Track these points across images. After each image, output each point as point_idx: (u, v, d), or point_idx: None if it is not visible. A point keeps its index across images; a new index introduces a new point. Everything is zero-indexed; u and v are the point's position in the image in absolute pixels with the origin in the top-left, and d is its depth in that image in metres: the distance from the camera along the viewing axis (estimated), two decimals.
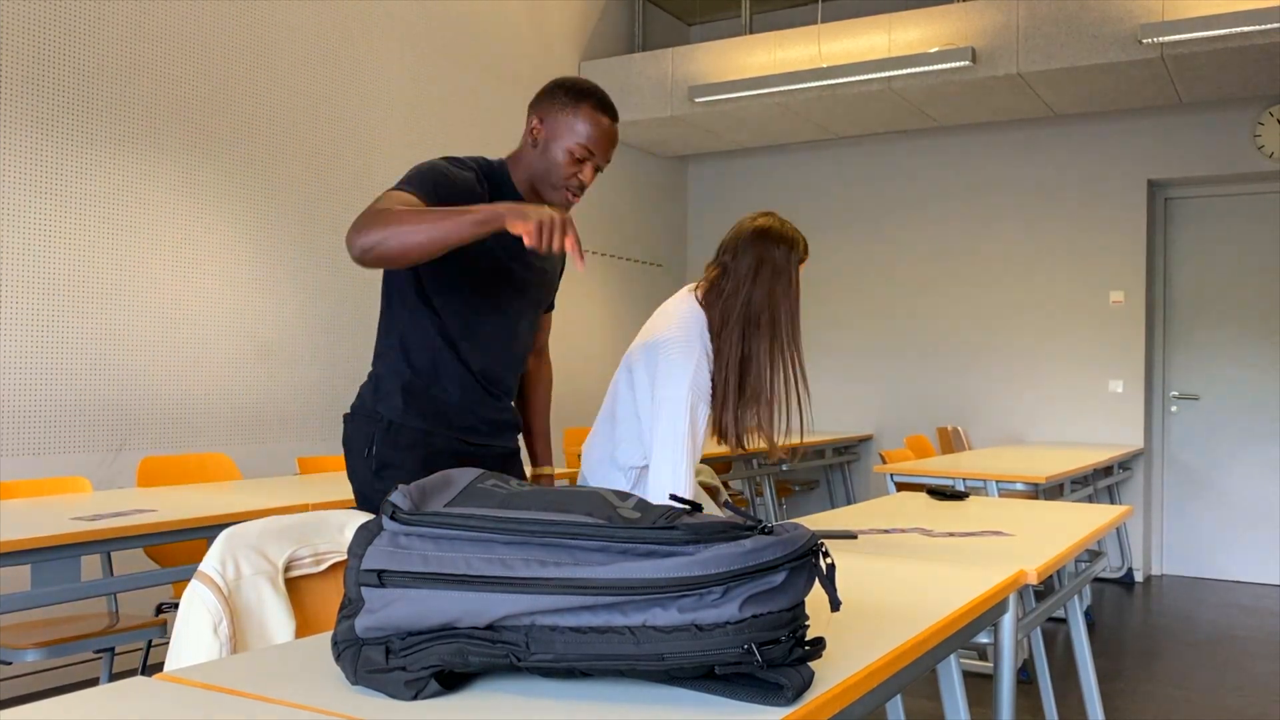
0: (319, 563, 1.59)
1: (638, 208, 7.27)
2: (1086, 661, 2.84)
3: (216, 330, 4.44)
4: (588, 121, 2.08)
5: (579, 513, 1.05)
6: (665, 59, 6.36)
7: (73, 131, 3.94)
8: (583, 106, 2.08)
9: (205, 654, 1.36)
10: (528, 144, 2.13)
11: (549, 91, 2.12)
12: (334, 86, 4.99)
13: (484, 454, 2.20)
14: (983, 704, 3.51)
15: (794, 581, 1.01)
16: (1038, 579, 1.88)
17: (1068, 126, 6.59)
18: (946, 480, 4.43)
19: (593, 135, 2.09)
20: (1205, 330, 6.46)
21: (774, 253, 2.30)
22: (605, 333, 6.90)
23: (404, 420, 2.08)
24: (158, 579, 2.71)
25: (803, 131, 6.77)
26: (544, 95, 2.12)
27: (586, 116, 2.08)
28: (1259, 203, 6.34)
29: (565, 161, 2.09)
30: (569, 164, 2.09)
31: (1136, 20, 5.09)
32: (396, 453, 2.07)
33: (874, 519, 2.54)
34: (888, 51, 5.71)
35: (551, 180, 2.11)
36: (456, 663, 1.03)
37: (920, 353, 7.00)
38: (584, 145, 2.08)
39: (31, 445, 3.81)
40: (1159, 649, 4.68)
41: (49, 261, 3.87)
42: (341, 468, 4.00)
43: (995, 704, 1.91)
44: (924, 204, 7.02)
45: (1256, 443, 6.29)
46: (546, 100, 2.11)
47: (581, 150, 2.08)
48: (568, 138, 2.08)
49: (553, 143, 2.08)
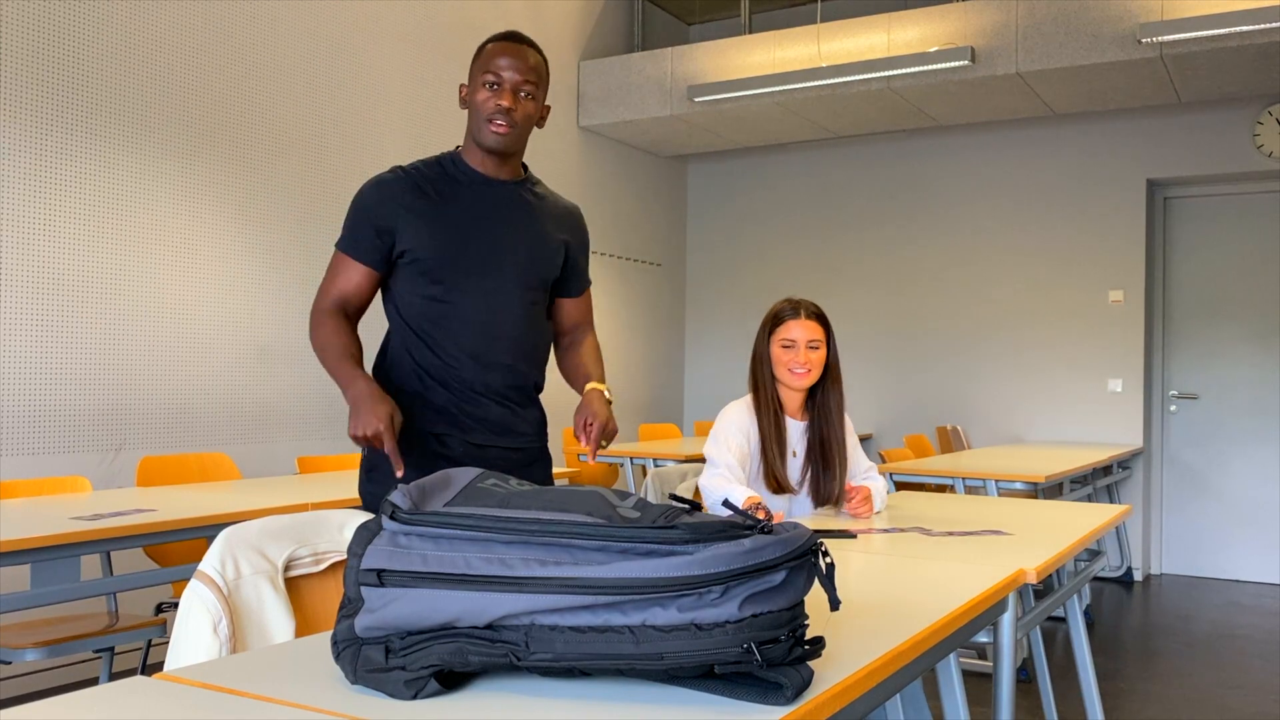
0: (318, 562, 1.59)
1: (638, 208, 7.27)
2: (1086, 660, 2.84)
3: (217, 330, 4.44)
4: (489, 55, 2.10)
5: (578, 512, 1.05)
6: (665, 59, 6.36)
7: (73, 132, 3.94)
8: (485, 48, 2.12)
9: (205, 653, 1.36)
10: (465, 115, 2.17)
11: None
12: (334, 86, 4.99)
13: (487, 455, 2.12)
14: (982, 703, 3.51)
15: (793, 581, 1.02)
16: (1037, 578, 1.88)
17: (1067, 126, 6.59)
18: (946, 480, 4.43)
19: (494, 60, 2.09)
20: (1204, 329, 6.47)
21: (756, 339, 2.76)
22: (605, 333, 6.90)
23: None
24: (157, 579, 2.70)
25: (802, 131, 6.77)
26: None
27: (489, 52, 2.11)
28: (1258, 202, 6.34)
29: (482, 98, 2.09)
30: (486, 97, 2.09)
31: (1135, 20, 5.09)
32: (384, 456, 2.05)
33: (873, 518, 2.54)
34: (887, 51, 5.71)
35: (478, 123, 2.10)
36: (456, 662, 1.03)
37: (919, 352, 7.00)
38: (489, 72, 2.08)
39: (31, 445, 3.81)
40: (1158, 648, 4.68)
41: (49, 261, 3.87)
42: (342, 467, 4.01)
43: (995, 703, 1.91)
44: (923, 203, 7.02)
45: (1256, 442, 6.30)
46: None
47: (491, 78, 2.08)
48: (478, 76, 2.10)
49: (471, 92, 2.11)
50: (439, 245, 2.07)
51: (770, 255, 7.49)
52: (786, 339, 2.66)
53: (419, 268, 2.07)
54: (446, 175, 2.12)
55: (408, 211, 2.07)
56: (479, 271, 2.09)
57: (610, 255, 6.95)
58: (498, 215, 2.14)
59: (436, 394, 2.08)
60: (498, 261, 2.11)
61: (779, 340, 2.67)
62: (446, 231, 2.08)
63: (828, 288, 7.27)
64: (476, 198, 2.12)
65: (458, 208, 2.10)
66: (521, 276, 2.15)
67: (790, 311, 2.68)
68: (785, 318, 2.67)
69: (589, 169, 6.73)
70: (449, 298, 2.08)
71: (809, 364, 2.65)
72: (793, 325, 2.65)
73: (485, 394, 2.11)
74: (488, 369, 2.10)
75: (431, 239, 2.06)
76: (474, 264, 2.09)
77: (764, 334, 2.70)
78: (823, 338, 2.67)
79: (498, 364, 2.12)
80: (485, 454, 2.12)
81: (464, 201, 2.11)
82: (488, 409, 2.12)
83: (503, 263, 2.12)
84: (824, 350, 2.68)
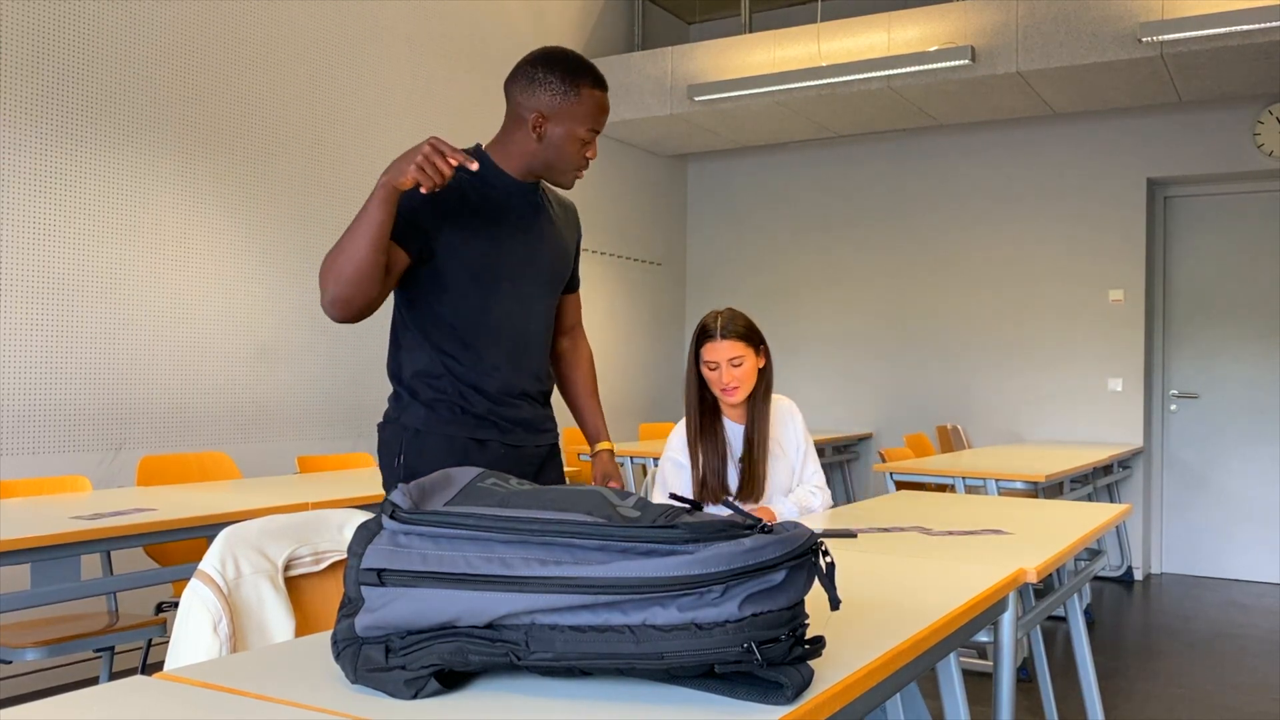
0: (318, 562, 1.59)
1: (638, 207, 7.27)
2: (1086, 660, 2.84)
3: (216, 329, 4.44)
4: (590, 103, 2.05)
5: (578, 512, 1.05)
6: (665, 58, 6.36)
7: (73, 132, 3.94)
8: (583, 90, 2.04)
9: (205, 653, 1.36)
10: (526, 136, 2.06)
11: (540, 80, 2.04)
12: (334, 86, 4.99)
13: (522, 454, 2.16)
14: (982, 702, 3.51)
15: (794, 580, 1.01)
16: (1037, 577, 1.88)
17: (1067, 125, 6.59)
18: (946, 479, 4.44)
19: (598, 116, 2.07)
20: (1205, 329, 6.47)
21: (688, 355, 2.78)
22: (605, 332, 6.90)
23: (429, 428, 2.06)
24: (157, 578, 2.70)
25: (802, 130, 6.77)
26: (534, 84, 2.04)
27: (588, 99, 2.05)
28: (1259, 201, 6.34)
29: (575, 150, 2.07)
30: (580, 149, 2.08)
31: (1136, 19, 5.09)
32: (424, 460, 2.03)
33: (874, 517, 2.54)
34: (887, 50, 5.71)
35: (563, 167, 2.09)
36: (456, 662, 1.03)
37: (919, 351, 7.00)
38: (591, 129, 2.07)
39: (31, 444, 3.81)
40: (1158, 647, 4.68)
41: (49, 260, 3.87)
42: (342, 467, 4.01)
43: (995, 702, 1.91)
44: (923, 202, 7.02)
45: (1256, 441, 6.29)
46: (541, 90, 2.03)
47: (589, 134, 2.07)
48: (575, 125, 2.04)
49: (561, 133, 2.04)
50: (479, 253, 2.05)
51: (770, 254, 7.49)
52: (709, 361, 2.68)
53: (457, 275, 2.04)
54: (480, 177, 2.09)
55: (452, 215, 2.03)
56: (513, 278, 2.11)
57: (610, 255, 6.95)
58: (525, 221, 2.14)
59: (478, 403, 2.08)
60: (528, 268, 2.14)
61: (704, 361, 2.69)
62: (486, 238, 2.06)
63: (828, 286, 7.27)
64: (508, 203, 2.11)
65: (494, 213, 2.08)
66: (548, 282, 2.20)
67: (710, 331, 2.68)
68: (705, 339, 2.69)
69: (589, 168, 6.72)
70: (486, 305, 2.08)
71: (735, 381, 2.66)
72: (712, 347, 2.67)
73: (520, 397, 2.15)
74: (521, 373, 2.14)
75: (474, 246, 2.04)
76: (510, 271, 2.10)
77: (692, 351, 2.73)
78: (745, 351, 2.67)
79: (529, 368, 2.16)
80: (520, 453, 2.16)
81: (498, 207, 2.10)
82: (521, 409, 2.15)
83: (533, 269, 2.15)
84: (751, 360, 2.68)
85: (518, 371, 2.13)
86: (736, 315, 2.72)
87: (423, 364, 2.08)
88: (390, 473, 2.10)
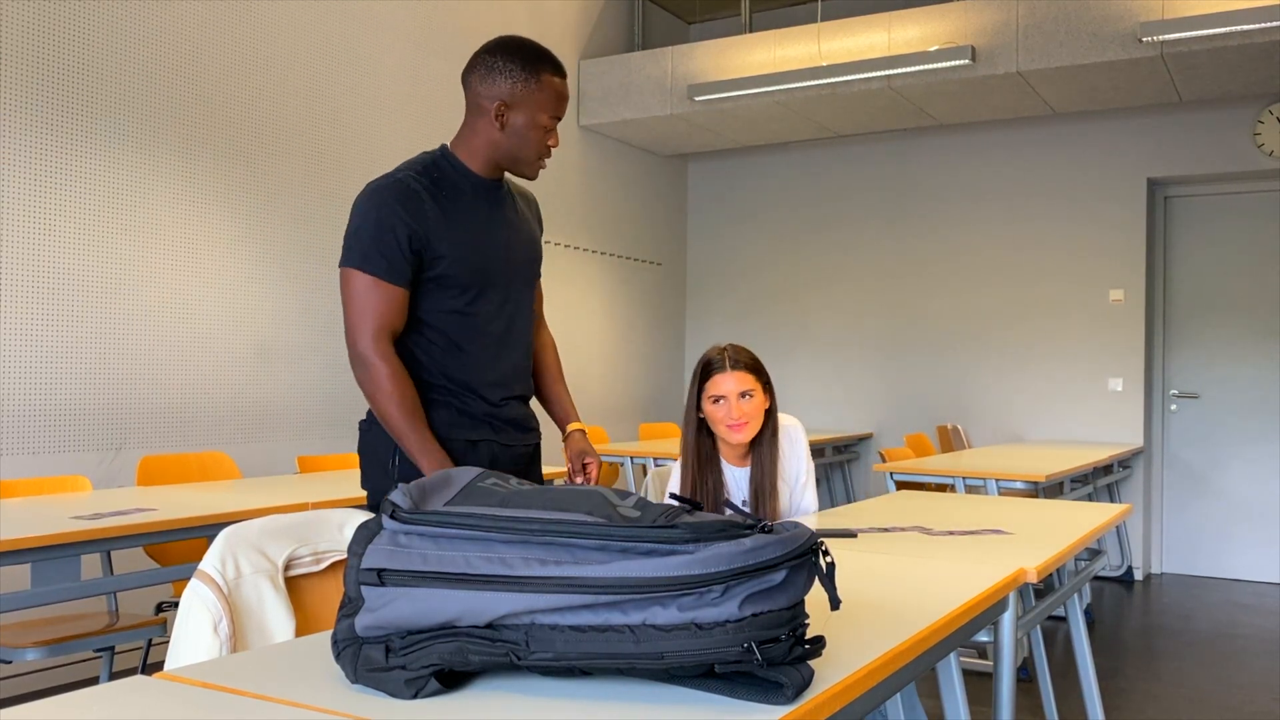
0: (319, 561, 1.59)
1: (638, 207, 7.27)
2: (1086, 660, 2.84)
3: (216, 329, 4.44)
4: (550, 90, 2.05)
5: (579, 511, 1.05)
6: (665, 58, 6.36)
7: (73, 131, 3.94)
8: (543, 76, 2.04)
9: (205, 653, 1.36)
10: (489, 126, 2.05)
11: (500, 68, 2.02)
12: (334, 86, 4.99)
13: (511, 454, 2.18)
14: (982, 702, 3.51)
15: (794, 580, 1.01)
16: (1037, 577, 1.88)
17: (1067, 125, 6.58)
18: (946, 479, 4.43)
19: (559, 103, 2.07)
20: (1205, 329, 6.46)
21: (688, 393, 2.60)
22: (605, 332, 6.90)
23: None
24: (158, 578, 2.70)
25: (802, 130, 6.77)
26: (494, 72, 2.03)
27: (549, 85, 2.05)
28: (1259, 201, 6.34)
29: (538, 137, 2.06)
30: (543, 137, 2.07)
31: (1136, 19, 5.09)
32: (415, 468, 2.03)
33: (874, 517, 2.54)
34: (887, 50, 5.71)
35: (527, 157, 2.09)
36: (456, 661, 1.03)
37: (920, 351, 7.00)
38: (553, 116, 2.07)
39: (31, 444, 3.81)
40: (1159, 647, 4.68)
41: (49, 260, 3.87)
42: (342, 467, 4.00)
43: (995, 702, 1.91)
44: (924, 202, 7.02)
45: (1256, 441, 6.29)
46: (501, 78, 2.02)
47: (551, 120, 2.07)
48: (537, 112, 2.04)
49: (523, 121, 2.04)
50: (463, 257, 2.06)
51: (770, 254, 7.49)
52: (716, 394, 2.47)
53: (448, 281, 2.05)
54: (448, 180, 2.08)
55: (435, 226, 2.02)
56: (495, 279, 2.12)
57: (610, 255, 6.95)
58: (499, 219, 2.15)
59: (474, 405, 2.10)
60: (508, 267, 2.15)
61: (708, 396, 2.49)
62: (467, 243, 2.06)
63: (828, 286, 7.27)
64: (479, 203, 2.12)
65: (468, 215, 2.08)
66: (526, 278, 2.21)
67: (717, 363, 2.49)
68: (713, 370, 2.49)
69: (589, 168, 6.72)
70: (474, 308, 2.09)
71: (744, 416, 2.47)
72: (720, 380, 2.47)
73: (510, 396, 2.17)
74: (510, 372, 2.16)
75: (458, 252, 2.05)
76: (492, 273, 2.11)
77: (694, 389, 2.52)
78: (754, 385, 2.48)
79: (516, 366, 2.19)
80: (511, 452, 2.18)
81: (470, 208, 2.10)
82: (513, 409, 2.18)
83: (511, 267, 2.16)
84: (759, 396, 2.50)
85: (507, 371, 2.15)
86: (741, 348, 2.54)
87: (418, 368, 2.09)
88: (382, 473, 2.09)
